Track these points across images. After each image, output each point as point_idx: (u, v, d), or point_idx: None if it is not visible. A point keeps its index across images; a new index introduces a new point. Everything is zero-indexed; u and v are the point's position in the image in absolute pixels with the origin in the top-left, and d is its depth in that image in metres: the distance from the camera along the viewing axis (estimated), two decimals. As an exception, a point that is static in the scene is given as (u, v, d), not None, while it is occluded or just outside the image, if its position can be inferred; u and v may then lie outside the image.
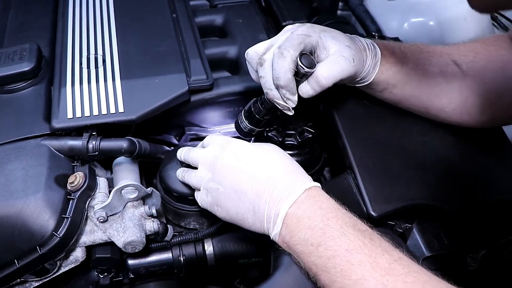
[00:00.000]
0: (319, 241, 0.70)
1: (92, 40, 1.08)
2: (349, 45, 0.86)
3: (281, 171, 0.78)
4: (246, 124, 0.94)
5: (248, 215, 0.78)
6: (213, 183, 0.82)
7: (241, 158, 0.80)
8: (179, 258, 0.99)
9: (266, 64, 0.84)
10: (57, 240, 0.84)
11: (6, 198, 0.85)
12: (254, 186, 0.77)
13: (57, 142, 0.92)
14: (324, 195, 0.76)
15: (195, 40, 1.11)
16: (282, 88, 0.83)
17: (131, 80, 0.99)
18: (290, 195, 0.74)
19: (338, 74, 0.84)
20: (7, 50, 1.02)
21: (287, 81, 0.82)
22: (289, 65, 0.80)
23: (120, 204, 0.90)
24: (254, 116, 0.92)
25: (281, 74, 0.81)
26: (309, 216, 0.72)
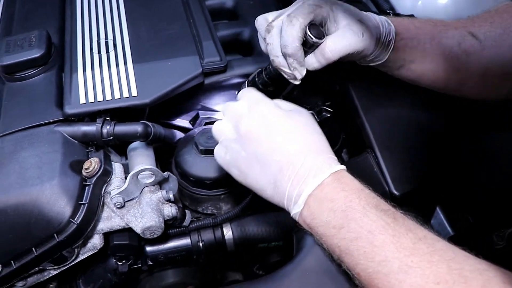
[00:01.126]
0: (341, 223, 0.68)
1: (101, 25, 1.06)
2: (360, 19, 0.85)
3: (309, 148, 0.74)
4: None
5: (268, 188, 0.75)
6: (235, 145, 0.77)
7: (268, 126, 0.75)
8: (197, 244, 0.97)
9: (274, 31, 0.83)
10: (74, 227, 0.82)
11: (21, 186, 0.83)
12: (278, 159, 0.73)
13: (70, 128, 0.90)
14: (348, 177, 0.73)
15: (207, 22, 1.09)
16: (289, 57, 0.81)
17: (143, 63, 0.97)
18: (315, 177, 0.71)
19: (345, 48, 0.83)
20: (16, 37, 1.00)
21: (295, 49, 0.80)
22: (297, 33, 0.79)
23: (137, 189, 0.88)
24: (257, 87, 0.91)
25: (289, 42, 0.80)
26: (332, 198, 0.70)
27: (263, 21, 0.88)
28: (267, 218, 1.01)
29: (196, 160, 0.97)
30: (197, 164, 0.97)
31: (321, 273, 0.77)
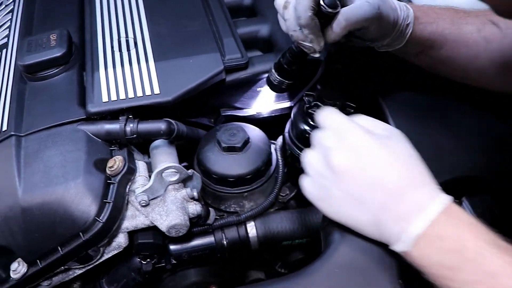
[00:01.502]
0: (457, 265, 0.62)
1: (121, 23, 1.06)
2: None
3: (411, 180, 0.68)
4: (275, 76, 0.93)
5: (368, 226, 0.70)
6: (326, 180, 0.71)
7: (362, 159, 0.69)
8: (221, 242, 0.96)
9: (290, 6, 0.83)
10: (100, 226, 0.82)
11: (46, 185, 0.83)
12: (377, 195, 0.67)
13: (93, 126, 0.89)
14: (458, 210, 0.66)
15: (226, 19, 1.08)
16: (304, 28, 0.81)
17: (164, 61, 0.97)
18: (423, 214, 0.64)
19: (361, 17, 0.81)
20: (37, 37, 1.00)
21: (308, 20, 0.79)
22: (310, 3, 0.78)
23: (162, 187, 0.87)
24: (282, 67, 0.92)
25: (302, 13, 0.79)
26: (444, 236, 0.63)
27: (281, 0, 0.87)
28: (290, 215, 1.00)
29: (219, 157, 0.96)
30: (220, 161, 0.96)
31: (351, 269, 0.76)
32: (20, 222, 0.82)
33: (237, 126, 0.99)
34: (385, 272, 0.76)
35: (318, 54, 0.85)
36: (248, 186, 0.97)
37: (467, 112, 0.96)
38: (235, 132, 0.97)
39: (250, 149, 0.97)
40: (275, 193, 1.00)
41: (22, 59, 0.96)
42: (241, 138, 0.96)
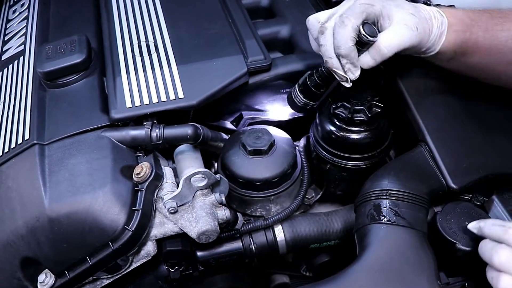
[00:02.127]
0: None
1: (140, 28, 1.05)
2: (413, 13, 0.82)
3: None
4: (300, 98, 0.91)
5: None
6: None
7: None
8: (250, 247, 0.95)
9: (328, 32, 0.81)
10: (129, 234, 0.81)
11: (73, 194, 0.81)
12: None
13: (118, 133, 0.88)
14: None
15: (246, 20, 1.07)
16: (343, 58, 0.80)
17: (187, 64, 0.96)
18: None
19: (400, 43, 0.81)
20: (56, 43, 0.98)
21: (348, 50, 0.79)
22: (350, 33, 0.77)
23: (190, 193, 0.86)
24: (309, 89, 0.89)
25: (342, 43, 0.78)
26: None
27: (315, 22, 0.85)
28: (318, 218, 0.98)
29: (244, 161, 0.95)
30: (245, 165, 0.94)
31: (389, 272, 0.75)
32: (47, 232, 0.80)
33: (262, 129, 0.97)
34: (423, 274, 0.75)
35: (349, 85, 0.84)
36: (274, 189, 0.96)
37: (496, 111, 0.95)
38: (260, 135, 0.95)
39: (276, 152, 0.95)
40: (301, 195, 0.98)
41: (41, 66, 0.95)
42: (266, 141, 0.94)
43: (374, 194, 0.83)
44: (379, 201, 0.81)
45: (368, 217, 0.81)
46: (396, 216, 0.79)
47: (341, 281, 0.75)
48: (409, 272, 0.74)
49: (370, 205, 0.82)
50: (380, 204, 0.81)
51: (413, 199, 0.81)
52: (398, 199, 0.81)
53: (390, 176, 0.84)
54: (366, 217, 0.81)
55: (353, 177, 0.99)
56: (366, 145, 0.94)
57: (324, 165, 0.99)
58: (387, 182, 0.83)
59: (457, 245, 0.81)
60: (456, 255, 0.81)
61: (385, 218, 0.79)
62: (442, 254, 0.80)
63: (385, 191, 0.82)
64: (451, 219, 0.85)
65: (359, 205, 0.84)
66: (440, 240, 0.82)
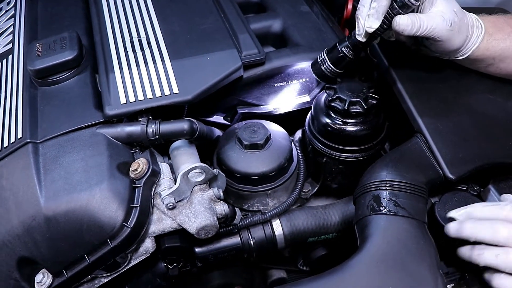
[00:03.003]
0: None
1: (132, 23, 1.03)
2: (456, 11, 0.84)
3: None
4: (332, 68, 0.93)
5: None
6: None
7: None
8: (248, 242, 0.94)
9: None
10: (128, 231, 0.79)
11: (70, 192, 0.80)
12: None
13: (113, 129, 0.87)
14: None
15: (238, 15, 1.06)
16: (373, 2, 0.81)
17: (181, 59, 0.94)
18: None
19: (428, 29, 0.82)
20: (46, 40, 0.97)
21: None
22: None
23: (188, 188, 0.85)
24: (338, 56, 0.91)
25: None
26: None
27: None
28: (315, 211, 0.98)
29: (240, 156, 0.94)
30: (242, 160, 0.94)
31: (391, 262, 0.74)
32: (44, 231, 0.79)
33: (257, 123, 0.97)
34: (425, 263, 0.75)
35: (362, 39, 0.86)
36: (271, 183, 0.95)
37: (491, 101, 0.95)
38: (256, 129, 0.95)
39: (272, 146, 0.95)
40: (298, 189, 0.98)
41: (32, 64, 0.93)
42: (262, 135, 0.94)
43: (373, 185, 0.83)
44: (379, 192, 0.81)
45: (368, 208, 0.81)
46: (396, 206, 0.79)
47: (343, 272, 0.75)
48: (411, 262, 0.74)
49: (369, 196, 0.82)
50: (380, 195, 0.81)
51: (412, 189, 0.81)
52: (397, 190, 0.81)
53: (389, 167, 0.84)
54: (366, 208, 0.81)
55: (350, 170, 0.99)
56: (363, 137, 0.94)
57: (321, 158, 0.99)
58: (385, 173, 0.83)
59: (455, 234, 0.82)
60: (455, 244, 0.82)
61: (385, 208, 0.79)
62: (441, 244, 0.80)
63: (384, 182, 0.82)
64: (449, 208, 0.85)
65: (359, 197, 0.84)
66: (438, 230, 0.83)
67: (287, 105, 1.05)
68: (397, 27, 0.82)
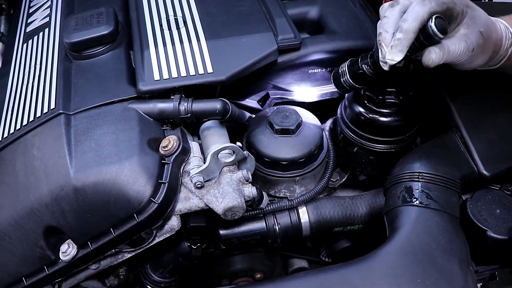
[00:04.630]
0: None
1: (168, 2, 1.03)
2: (483, 31, 0.78)
3: None
4: (347, 78, 0.87)
5: None
6: None
7: None
8: (273, 227, 0.93)
9: (398, 7, 0.77)
10: (155, 207, 0.79)
11: (99, 164, 0.80)
12: None
13: (145, 105, 0.86)
14: None
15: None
16: (399, 33, 0.75)
17: (216, 40, 0.94)
18: None
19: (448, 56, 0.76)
20: (83, 14, 0.97)
21: (411, 28, 0.74)
22: (424, 14, 0.73)
23: (217, 168, 0.84)
24: (359, 73, 0.86)
25: (411, 18, 0.73)
26: None
27: None
28: (342, 201, 0.97)
29: (271, 140, 0.93)
30: (272, 144, 0.93)
31: (420, 255, 0.73)
32: (72, 202, 0.79)
33: (289, 108, 0.96)
34: (456, 258, 0.73)
35: (386, 67, 0.79)
36: (300, 170, 0.94)
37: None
38: (288, 115, 0.94)
39: (303, 132, 0.94)
40: (326, 178, 0.97)
41: (68, 37, 0.93)
42: (294, 121, 0.93)
43: (406, 176, 0.81)
44: (411, 183, 0.80)
45: (399, 199, 0.79)
46: (428, 198, 0.77)
47: (371, 262, 0.73)
48: (441, 256, 0.73)
49: (401, 187, 0.80)
50: (412, 186, 0.79)
51: (446, 182, 0.80)
52: (430, 182, 0.79)
53: (422, 159, 0.83)
54: (397, 198, 0.79)
55: (380, 161, 0.97)
56: (396, 128, 0.92)
57: (351, 147, 0.97)
58: (419, 164, 0.82)
59: (488, 232, 0.80)
60: (487, 242, 0.80)
61: (417, 200, 0.77)
62: (471, 242, 0.78)
63: (417, 173, 0.80)
64: (482, 206, 0.83)
65: (390, 187, 0.82)
66: (470, 227, 0.81)
67: (320, 93, 1.03)
68: (428, 62, 0.76)
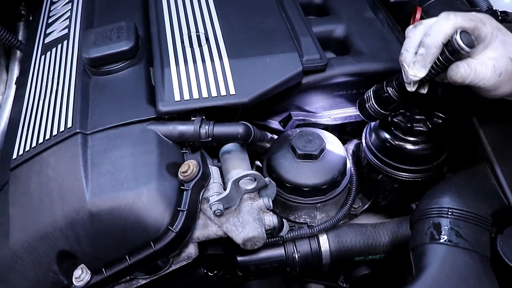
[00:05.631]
0: None
1: (190, 17, 1.00)
2: None
3: None
4: (372, 103, 0.85)
5: None
6: None
7: None
8: (293, 255, 0.90)
9: (421, 27, 0.75)
10: (172, 236, 0.76)
11: (116, 189, 0.77)
12: None
13: (165, 127, 0.84)
14: None
15: (301, 16, 1.01)
16: (422, 47, 0.72)
17: (240, 59, 0.91)
18: None
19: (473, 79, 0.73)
20: (103, 29, 0.94)
21: (433, 43, 0.71)
22: (447, 29, 0.70)
23: (238, 196, 0.81)
24: (384, 98, 0.83)
25: (433, 32, 0.71)
26: None
27: None
28: (364, 230, 0.93)
29: (293, 165, 0.90)
30: (294, 169, 0.90)
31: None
32: (87, 227, 0.77)
33: (313, 131, 0.92)
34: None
35: (412, 88, 0.77)
36: (322, 196, 0.91)
37: None
38: (311, 139, 0.90)
39: (326, 158, 0.90)
40: (349, 205, 0.94)
41: (87, 52, 0.91)
42: (318, 145, 0.89)
43: (434, 211, 0.78)
44: (439, 219, 0.76)
45: (427, 236, 0.75)
46: (458, 237, 0.74)
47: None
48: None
49: (429, 223, 0.77)
50: (440, 222, 0.76)
51: (476, 219, 0.76)
52: (460, 219, 0.76)
53: (452, 193, 0.79)
54: (425, 235, 0.76)
55: (405, 190, 0.94)
56: (423, 157, 0.89)
57: (376, 174, 0.94)
58: (448, 199, 0.78)
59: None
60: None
61: (445, 238, 0.74)
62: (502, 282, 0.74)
63: (446, 209, 0.77)
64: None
65: (417, 222, 0.79)
66: (500, 266, 0.77)
67: (344, 115, 1.00)
68: (456, 77, 0.73)
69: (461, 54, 0.71)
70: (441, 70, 0.75)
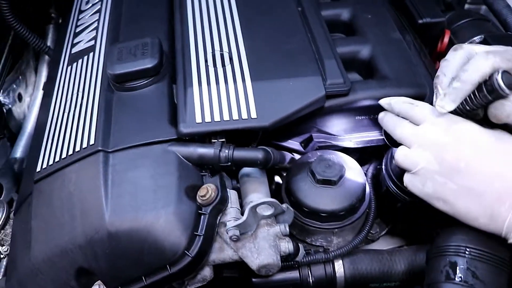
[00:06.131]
0: None
1: (215, 35, 1.00)
2: None
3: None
4: None
5: (482, 217, 0.71)
6: (439, 177, 0.73)
7: (481, 154, 0.71)
8: (307, 280, 0.90)
9: (461, 52, 0.75)
10: (189, 260, 0.77)
11: (135, 210, 0.78)
12: (495, 188, 0.69)
13: (185, 148, 0.84)
14: None
15: (326, 37, 1.00)
16: (457, 81, 0.72)
17: (262, 81, 0.90)
18: None
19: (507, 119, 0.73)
20: (128, 44, 0.95)
21: (469, 80, 0.71)
22: (486, 68, 0.70)
23: (254, 221, 0.82)
24: None
25: (471, 69, 0.71)
26: None
27: None
28: (380, 257, 0.93)
29: (311, 189, 0.90)
30: (312, 194, 0.89)
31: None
32: (105, 246, 0.78)
33: (333, 156, 0.92)
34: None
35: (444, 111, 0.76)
36: (339, 222, 0.91)
37: None
38: (331, 164, 0.90)
39: (345, 183, 0.90)
40: (366, 230, 0.93)
41: (112, 68, 0.92)
42: (337, 171, 0.89)
43: (451, 249, 0.77)
44: (456, 258, 0.75)
45: (442, 274, 0.75)
46: (474, 278, 0.73)
47: None
48: None
49: (445, 261, 0.76)
50: (457, 262, 0.75)
51: (494, 260, 0.75)
52: (477, 259, 0.75)
53: (470, 231, 0.78)
54: (440, 273, 0.75)
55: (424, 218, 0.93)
56: (443, 187, 0.88)
57: (394, 202, 0.93)
58: (466, 237, 0.77)
59: (538, 318, 0.75)
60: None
61: (461, 278, 0.73)
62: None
63: (464, 247, 0.76)
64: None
65: (433, 258, 0.78)
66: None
67: (365, 139, 0.99)
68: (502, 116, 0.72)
69: (500, 94, 0.70)
70: (476, 107, 0.74)
